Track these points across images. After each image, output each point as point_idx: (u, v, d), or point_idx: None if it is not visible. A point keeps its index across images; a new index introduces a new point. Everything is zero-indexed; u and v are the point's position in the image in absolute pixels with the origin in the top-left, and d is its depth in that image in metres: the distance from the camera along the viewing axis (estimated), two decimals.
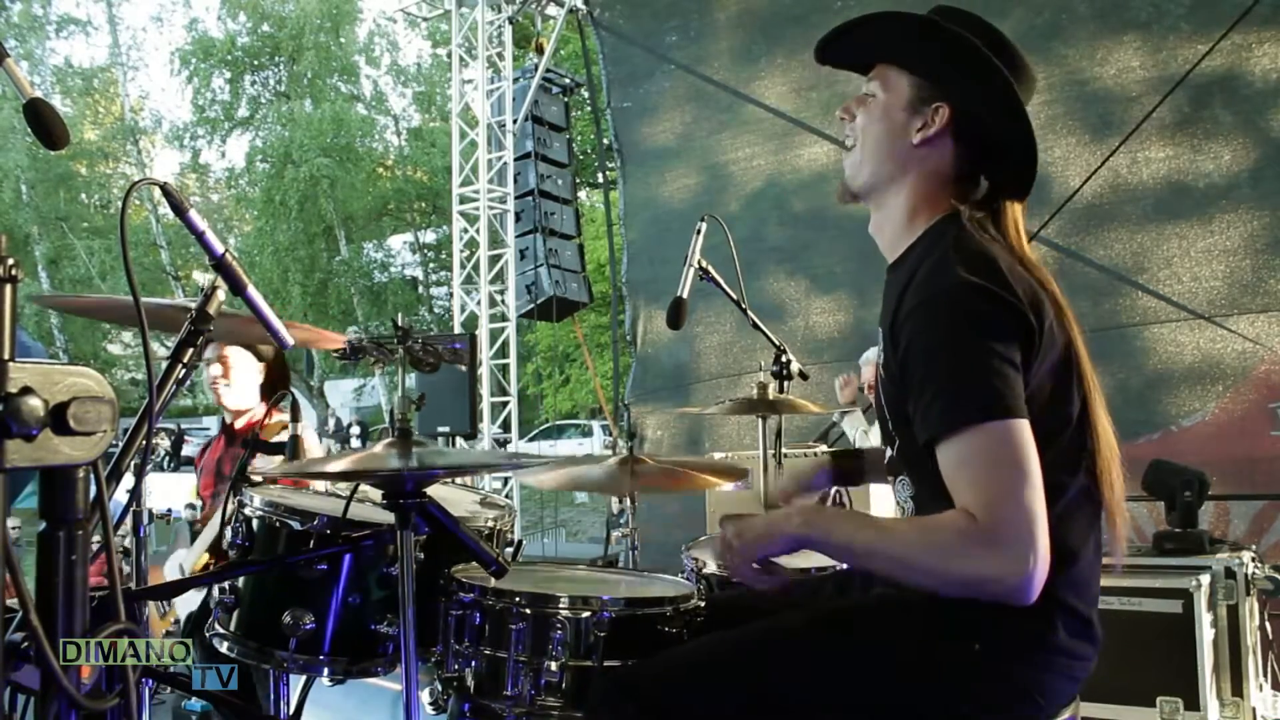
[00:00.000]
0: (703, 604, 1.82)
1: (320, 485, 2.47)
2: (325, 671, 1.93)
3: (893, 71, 1.59)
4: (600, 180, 12.52)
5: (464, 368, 7.20)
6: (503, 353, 9.35)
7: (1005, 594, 1.31)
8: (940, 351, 1.38)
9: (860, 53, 1.65)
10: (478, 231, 9.17)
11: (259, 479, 2.06)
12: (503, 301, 9.34)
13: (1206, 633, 2.98)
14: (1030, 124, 1.53)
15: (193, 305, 1.61)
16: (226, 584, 1.97)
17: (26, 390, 0.91)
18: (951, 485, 1.37)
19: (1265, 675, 3.19)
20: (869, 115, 1.60)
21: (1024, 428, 1.33)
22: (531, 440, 19.29)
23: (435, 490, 1.78)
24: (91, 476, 1.03)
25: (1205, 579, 3.01)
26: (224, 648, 1.95)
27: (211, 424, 28.74)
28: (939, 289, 1.40)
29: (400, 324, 1.81)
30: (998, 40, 1.56)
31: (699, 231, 2.66)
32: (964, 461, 1.35)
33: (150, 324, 1.46)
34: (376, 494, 1.79)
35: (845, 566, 1.89)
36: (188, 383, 1.64)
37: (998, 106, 1.53)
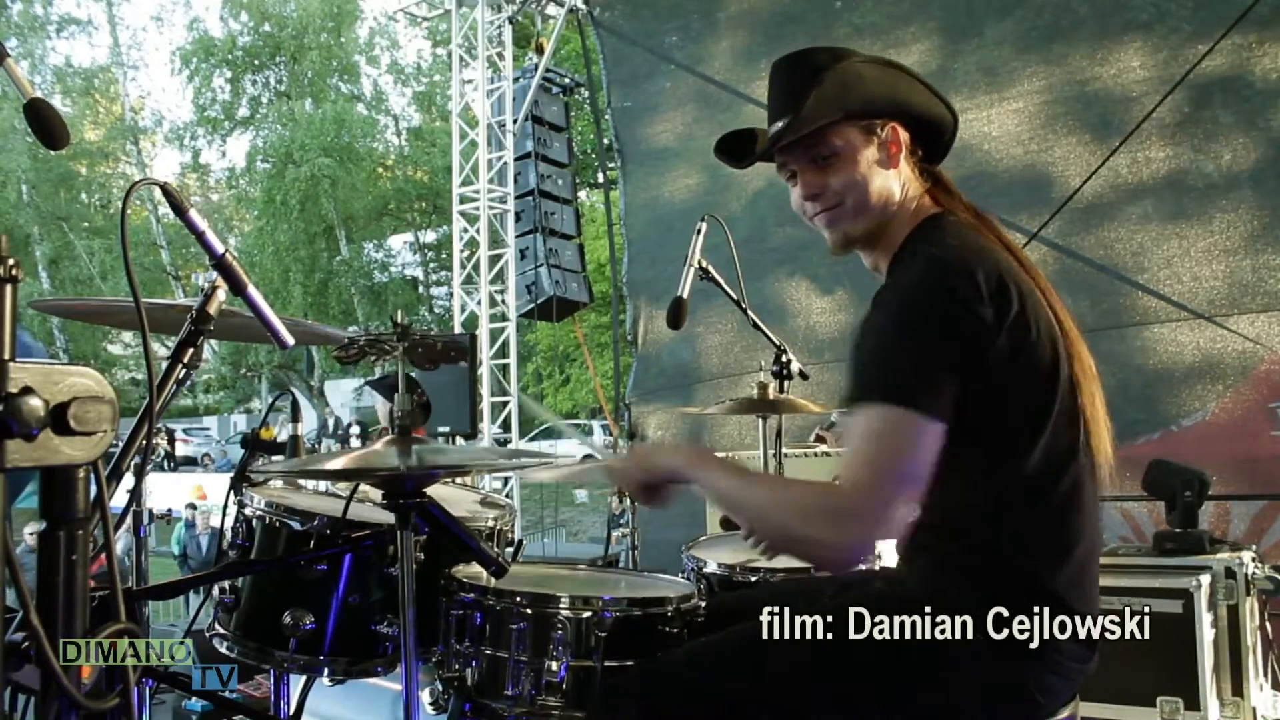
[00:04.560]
0: (703, 604, 1.82)
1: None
2: (325, 671, 1.94)
3: (829, 130, 1.56)
4: (600, 180, 12.51)
5: (464, 364, 7.16)
6: (503, 353, 9.34)
7: (820, 559, 1.42)
8: (876, 331, 1.47)
9: (802, 143, 1.59)
10: (478, 231, 9.16)
11: (260, 478, 2.06)
12: (503, 301, 9.34)
13: (1207, 633, 2.98)
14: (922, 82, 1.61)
15: (193, 305, 1.61)
16: (226, 584, 1.97)
17: (27, 390, 0.91)
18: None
19: (1265, 675, 3.18)
20: (844, 172, 1.58)
21: (917, 422, 1.37)
22: (532, 440, 19.22)
23: (435, 490, 1.78)
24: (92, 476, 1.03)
25: (1205, 579, 3.01)
26: (224, 648, 1.95)
27: (211, 424, 28.77)
28: (902, 277, 1.51)
29: (399, 320, 1.81)
30: (846, 49, 1.61)
31: (699, 231, 2.66)
32: (851, 436, 1.42)
33: (150, 325, 1.46)
34: (376, 494, 1.79)
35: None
36: (188, 383, 1.64)
37: (912, 87, 1.61)
